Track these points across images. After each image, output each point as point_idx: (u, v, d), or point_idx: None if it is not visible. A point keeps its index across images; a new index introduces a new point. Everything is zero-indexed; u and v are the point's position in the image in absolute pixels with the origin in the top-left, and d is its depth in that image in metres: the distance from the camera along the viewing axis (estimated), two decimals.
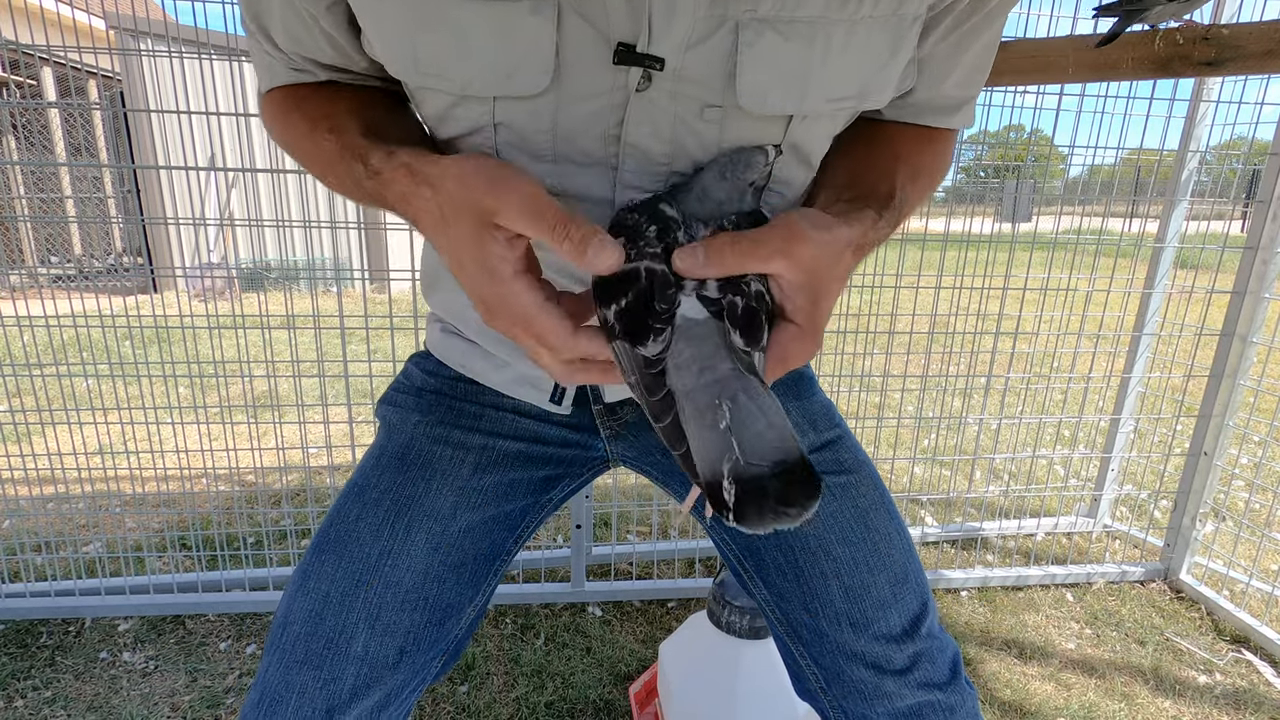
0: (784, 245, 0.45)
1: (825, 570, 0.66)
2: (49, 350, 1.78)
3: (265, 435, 2.80)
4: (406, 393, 0.73)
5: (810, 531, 0.66)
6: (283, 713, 0.59)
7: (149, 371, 1.79)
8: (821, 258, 0.46)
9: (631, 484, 2.50)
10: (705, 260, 0.45)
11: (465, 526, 0.67)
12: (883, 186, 0.56)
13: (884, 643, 0.64)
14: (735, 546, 0.72)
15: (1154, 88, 1.76)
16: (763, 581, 0.70)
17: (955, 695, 0.65)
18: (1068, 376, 2.30)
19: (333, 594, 0.62)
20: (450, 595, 0.66)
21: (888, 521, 0.68)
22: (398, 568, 0.64)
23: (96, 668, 1.56)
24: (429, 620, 0.65)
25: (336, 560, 0.64)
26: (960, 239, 1.86)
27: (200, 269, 3.18)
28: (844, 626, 0.65)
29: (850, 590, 0.65)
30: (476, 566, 0.68)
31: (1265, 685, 1.59)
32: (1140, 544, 2.13)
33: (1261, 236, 1.72)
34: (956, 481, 2.51)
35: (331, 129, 0.55)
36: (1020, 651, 1.69)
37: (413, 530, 0.65)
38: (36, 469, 1.87)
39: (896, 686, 0.64)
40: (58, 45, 1.57)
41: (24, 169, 4.10)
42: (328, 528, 0.66)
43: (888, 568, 0.66)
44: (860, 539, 0.66)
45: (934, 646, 0.66)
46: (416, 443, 0.68)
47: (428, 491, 0.66)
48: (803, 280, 0.46)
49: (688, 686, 1.24)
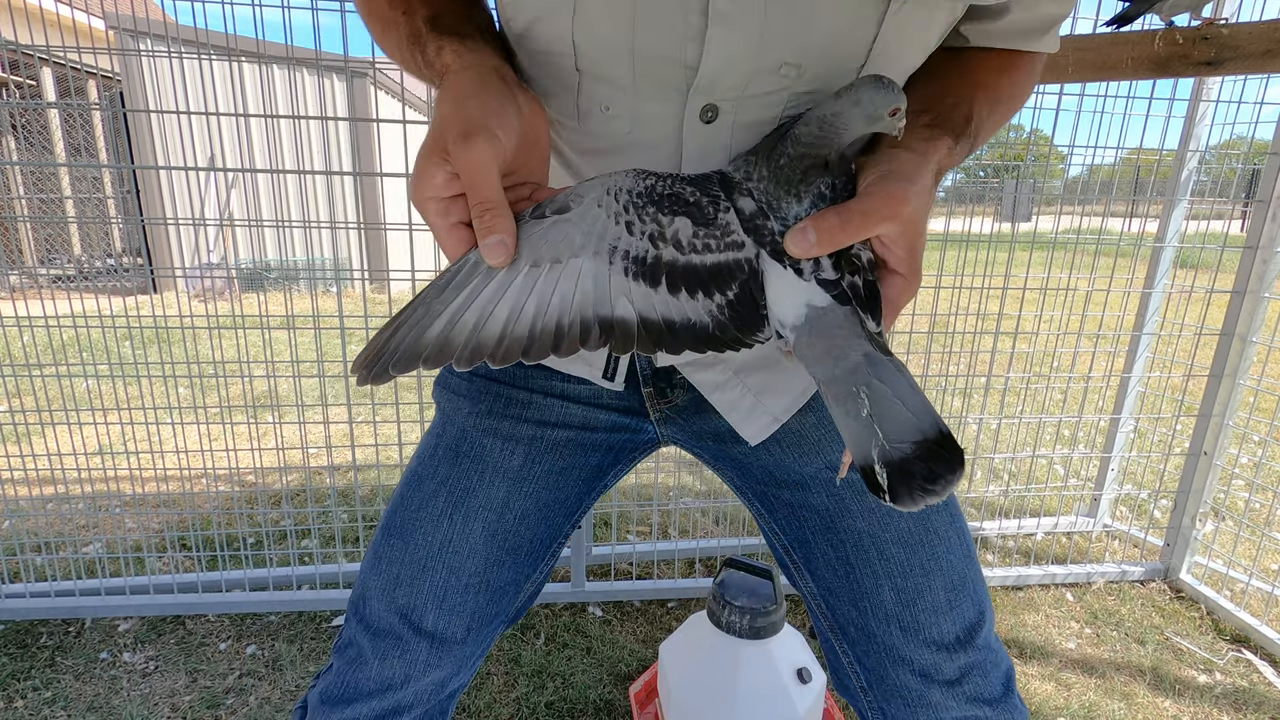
0: (890, 209, 0.45)
1: (878, 569, 0.64)
2: (49, 350, 1.78)
3: (265, 435, 2.80)
4: (460, 375, 0.74)
5: (864, 528, 0.65)
6: (367, 673, 0.66)
7: (149, 372, 1.79)
8: (919, 207, 0.47)
9: (631, 484, 2.50)
10: (817, 240, 0.45)
11: (520, 514, 0.69)
12: (960, 112, 0.56)
13: (934, 650, 0.63)
14: (784, 537, 0.71)
15: (1154, 87, 1.76)
16: (811, 574, 0.69)
17: (1005, 713, 0.63)
18: (1068, 376, 2.30)
19: (403, 576, 0.67)
20: (509, 576, 0.70)
21: (949, 524, 0.66)
22: (459, 554, 0.67)
23: (96, 668, 1.56)
24: (491, 599, 0.69)
25: (403, 546, 0.68)
26: (960, 239, 1.86)
27: (200, 269, 3.18)
28: (893, 629, 0.63)
29: (902, 593, 0.63)
30: (534, 549, 0.71)
31: (1265, 685, 1.59)
32: (1140, 544, 2.13)
33: (1261, 236, 1.72)
34: None
35: (406, 9, 0.57)
36: (1020, 651, 1.69)
37: (470, 520, 0.68)
38: (36, 469, 1.87)
39: (943, 697, 0.62)
40: (58, 45, 1.57)
41: (24, 169, 4.10)
42: (393, 514, 0.70)
43: (945, 573, 0.64)
44: (918, 541, 0.64)
45: (988, 660, 0.64)
46: (469, 435, 0.70)
47: (481, 483, 0.68)
48: (902, 232, 0.47)
49: (688, 686, 1.24)
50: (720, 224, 0.47)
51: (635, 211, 0.47)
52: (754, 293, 0.47)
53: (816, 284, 0.47)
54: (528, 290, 0.46)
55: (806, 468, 0.67)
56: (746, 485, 0.73)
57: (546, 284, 0.46)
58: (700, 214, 0.47)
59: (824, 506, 0.66)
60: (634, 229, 0.46)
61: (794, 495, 0.68)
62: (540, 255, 0.46)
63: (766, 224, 0.47)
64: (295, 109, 1.67)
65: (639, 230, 0.46)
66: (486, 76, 0.49)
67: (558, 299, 0.46)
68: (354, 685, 0.67)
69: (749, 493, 0.73)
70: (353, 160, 1.85)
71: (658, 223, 0.46)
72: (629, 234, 0.46)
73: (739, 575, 1.29)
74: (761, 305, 0.47)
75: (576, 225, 0.46)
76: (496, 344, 0.45)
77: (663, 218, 0.47)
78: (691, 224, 0.47)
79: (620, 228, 0.46)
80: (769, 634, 1.23)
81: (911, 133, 0.51)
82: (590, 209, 0.46)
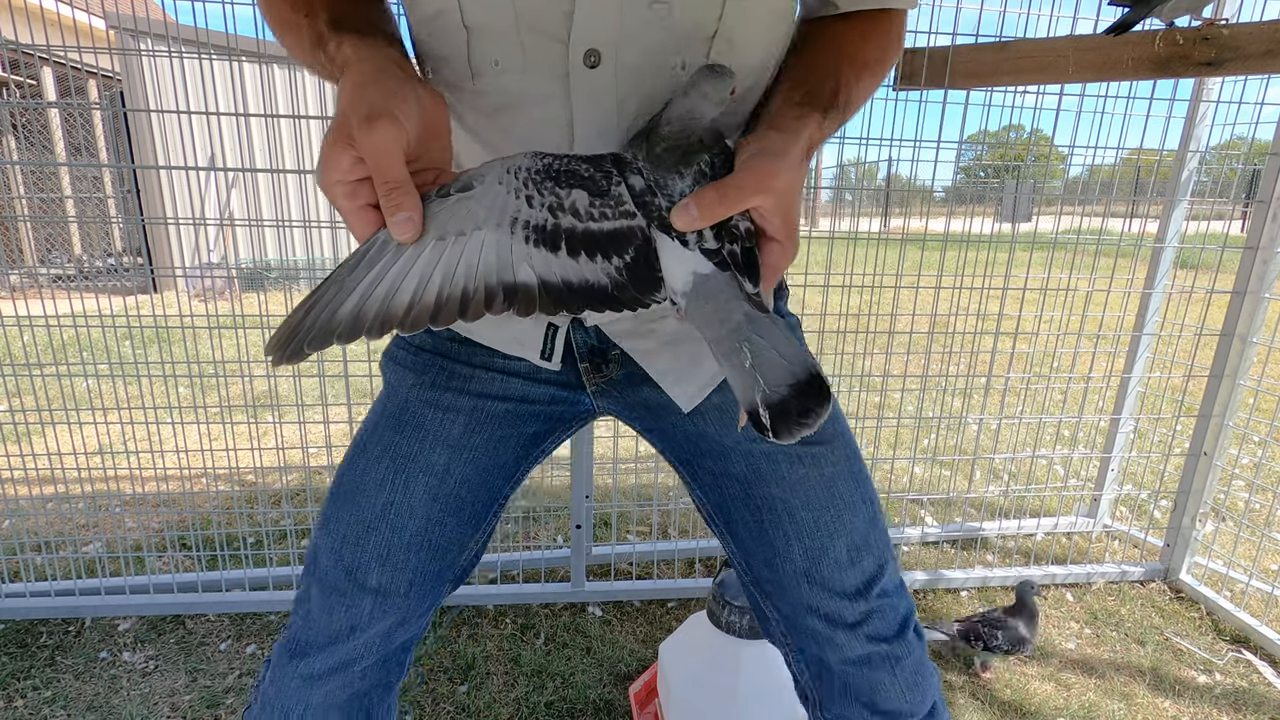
0: (762, 183, 0.51)
1: (788, 531, 0.71)
2: (49, 350, 1.78)
3: (265, 435, 2.80)
4: (406, 349, 0.78)
5: (777, 494, 0.71)
6: (317, 628, 0.72)
7: (149, 371, 1.79)
8: (790, 180, 0.52)
9: (631, 484, 2.50)
10: (699, 215, 0.50)
11: (460, 478, 0.74)
12: (828, 86, 0.61)
13: (838, 599, 0.71)
14: (708, 503, 0.78)
15: (1154, 88, 1.76)
16: (731, 536, 0.77)
17: (902, 647, 0.72)
18: (1068, 376, 2.30)
19: (349, 536, 0.72)
20: (452, 535, 0.75)
21: (853, 490, 0.73)
22: (401, 516, 0.72)
23: (96, 668, 1.56)
24: (433, 557, 0.74)
25: (350, 508, 0.73)
26: (960, 239, 1.86)
27: (200, 269, 3.18)
28: (802, 582, 0.72)
29: (810, 551, 0.71)
30: (475, 510, 0.76)
31: (1265, 685, 1.59)
32: (1140, 544, 2.13)
33: (1261, 236, 1.72)
34: (956, 481, 2.51)
35: (308, 13, 0.60)
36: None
37: (411, 484, 0.73)
38: (36, 469, 1.87)
39: (847, 638, 0.71)
40: (58, 45, 1.57)
41: (24, 169, 4.10)
42: (340, 479, 0.75)
43: (848, 534, 0.71)
44: (824, 505, 0.71)
45: (886, 605, 0.73)
46: (411, 405, 0.75)
47: (422, 449, 0.73)
48: (776, 203, 0.52)
49: (688, 686, 1.24)
50: (614, 195, 0.51)
51: (534, 187, 0.50)
52: (649, 258, 0.52)
53: (700, 253, 0.52)
54: (434, 262, 0.49)
55: (726, 438, 0.73)
56: (674, 454, 0.79)
57: (452, 255, 0.49)
58: (595, 186, 0.51)
59: (742, 474, 0.73)
60: (534, 202, 0.50)
61: (715, 464, 0.74)
62: (446, 229, 0.49)
63: (654, 200, 0.52)
64: (295, 109, 1.67)
65: (538, 203, 0.50)
66: (386, 66, 0.52)
67: (463, 268, 0.49)
68: (306, 639, 0.73)
69: (676, 461, 0.79)
70: None
71: (556, 195, 0.50)
72: (529, 206, 0.50)
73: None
74: (657, 270, 0.52)
75: (479, 201, 0.50)
76: (405, 312, 0.48)
77: (560, 190, 0.50)
78: (588, 195, 0.51)
79: (520, 201, 0.50)
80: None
81: (784, 110, 0.57)
82: (492, 186, 0.50)
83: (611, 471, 2.10)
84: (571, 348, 0.73)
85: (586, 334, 0.72)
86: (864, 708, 0.72)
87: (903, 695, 0.72)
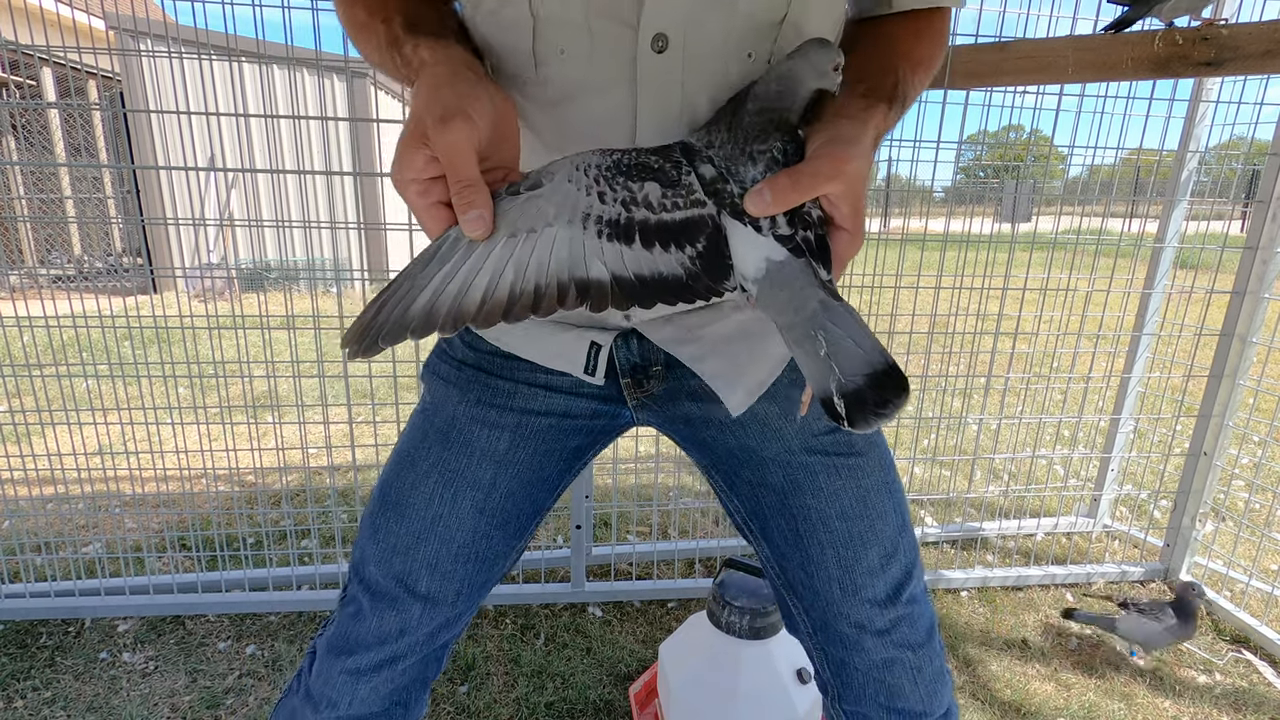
0: (836, 169, 0.51)
1: (823, 540, 0.74)
2: (49, 351, 1.78)
3: (265, 435, 2.80)
4: (448, 362, 0.79)
5: (813, 504, 0.73)
6: (367, 628, 0.75)
7: (149, 372, 1.79)
8: (861, 168, 0.52)
9: (632, 484, 2.50)
10: (773, 200, 0.50)
11: (506, 492, 0.76)
12: (888, 80, 0.62)
13: (869, 606, 0.73)
14: (744, 510, 0.79)
15: (1154, 88, 1.76)
16: (766, 542, 0.78)
17: (925, 656, 0.75)
18: (1067, 376, 2.30)
19: (398, 545, 0.75)
20: (497, 547, 0.78)
21: (886, 501, 0.75)
22: (450, 528, 0.75)
23: (96, 668, 1.56)
24: (480, 568, 0.77)
25: (399, 519, 0.75)
26: (960, 239, 1.86)
27: (200, 269, 3.18)
28: (834, 588, 0.74)
29: (843, 559, 0.73)
30: (519, 522, 0.79)
31: (1265, 685, 1.59)
32: (1140, 544, 2.13)
33: (1261, 236, 1.72)
34: (956, 482, 2.51)
35: (385, 17, 0.61)
36: (1020, 651, 1.69)
37: (460, 498, 0.75)
38: (36, 469, 1.87)
39: (875, 643, 0.74)
40: (58, 45, 1.57)
41: (24, 169, 4.10)
42: (387, 488, 0.77)
43: (880, 542, 0.74)
44: (858, 515, 0.73)
45: (914, 612, 0.75)
46: (458, 421, 0.76)
47: (470, 465, 0.75)
48: (846, 190, 0.52)
49: (688, 686, 1.24)
50: (685, 185, 0.52)
51: (606, 183, 0.51)
52: (720, 245, 0.52)
53: (774, 239, 0.52)
54: (506, 258, 0.49)
55: (766, 450, 0.75)
56: (712, 464, 0.80)
57: (523, 252, 0.50)
58: (666, 177, 0.52)
59: (779, 485, 0.75)
60: (606, 198, 0.50)
61: (753, 474, 0.76)
62: (516, 227, 0.50)
63: (726, 187, 0.52)
64: (295, 109, 1.67)
65: (611, 198, 0.50)
66: (459, 69, 0.54)
67: (535, 264, 0.49)
68: (355, 637, 0.76)
69: (713, 471, 0.81)
70: (353, 160, 1.85)
71: (629, 190, 0.51)
72: (601, 202, 0.50)
73: (739, 576, 1.29)
74: (727, 257, 0.52)
75: (549, 198, 0.50)
76: (478, 309, 0.49)
77: (633, 184, 0.51)
78: (660, 186, 0.51)
79: (592, 198, 0.50)
80: (769, 634, 1.23)
81: (850, 101, 0.57)
82: (561, 184, 0.51)
83: (611, 472, 2.10)
84: (614, 362, 0.74)
85: (629, 350, 0.73)
86: (882, 708, 0.74)
87: (922, 699, 0.74)
